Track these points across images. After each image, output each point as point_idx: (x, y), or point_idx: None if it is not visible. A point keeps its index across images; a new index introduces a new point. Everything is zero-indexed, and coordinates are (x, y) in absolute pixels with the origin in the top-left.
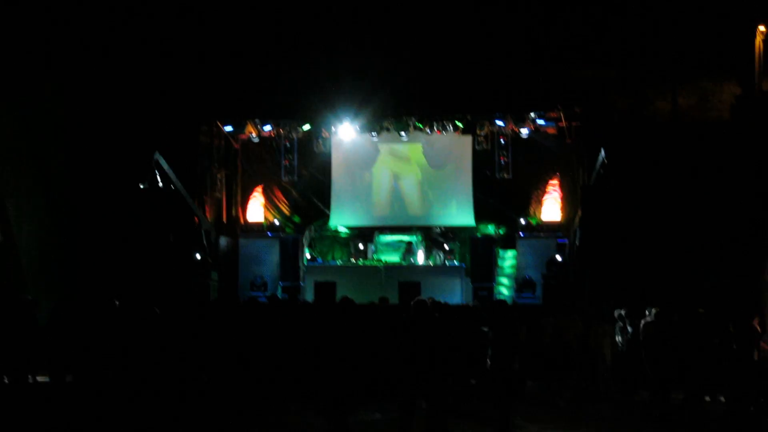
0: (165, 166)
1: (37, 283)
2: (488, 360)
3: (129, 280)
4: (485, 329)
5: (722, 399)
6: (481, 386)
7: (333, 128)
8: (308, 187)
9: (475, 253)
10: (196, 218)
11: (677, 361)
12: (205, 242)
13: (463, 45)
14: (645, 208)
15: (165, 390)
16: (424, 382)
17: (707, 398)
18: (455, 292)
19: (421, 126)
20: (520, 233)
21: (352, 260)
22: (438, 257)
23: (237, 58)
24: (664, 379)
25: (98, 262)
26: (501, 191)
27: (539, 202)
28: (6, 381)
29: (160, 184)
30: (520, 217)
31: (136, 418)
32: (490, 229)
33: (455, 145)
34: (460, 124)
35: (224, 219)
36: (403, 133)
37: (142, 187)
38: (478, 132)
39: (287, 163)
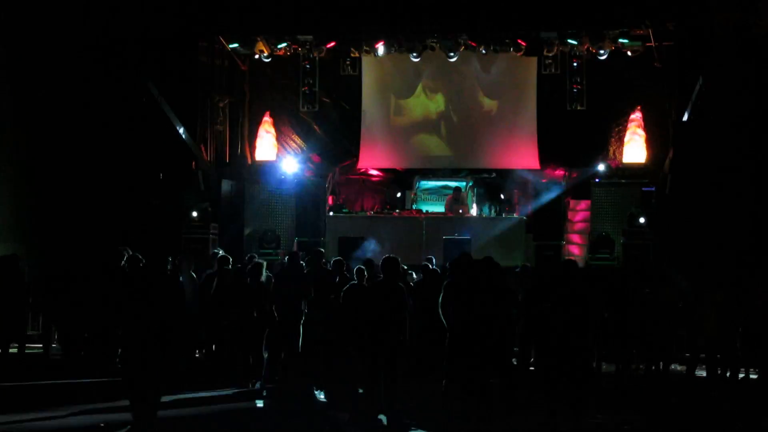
0: (156, 93)
1: (13, 234)
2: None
3: (112, 233)
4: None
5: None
6: (538, 369)
7: (364, 46)
8: (332, 120)
9: (539, 204)
10: (193, 162)
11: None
12: (203, 187)
13: None
14: (750, 147)
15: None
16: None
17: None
18: (514, 252)
19: (473, 44)
20: (596, 179)
21: (386, 211)
22: (493, 208)
23: None
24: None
25: (79, 209)
26: (572, 127)
27: (620, 141)
28: None
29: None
30: (595, 159)
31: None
32: (559, 173)
33: (516, 69)
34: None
35: (227, 158)
36: (451, 53)
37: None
38: (545, 53)
39: (306, 90)
